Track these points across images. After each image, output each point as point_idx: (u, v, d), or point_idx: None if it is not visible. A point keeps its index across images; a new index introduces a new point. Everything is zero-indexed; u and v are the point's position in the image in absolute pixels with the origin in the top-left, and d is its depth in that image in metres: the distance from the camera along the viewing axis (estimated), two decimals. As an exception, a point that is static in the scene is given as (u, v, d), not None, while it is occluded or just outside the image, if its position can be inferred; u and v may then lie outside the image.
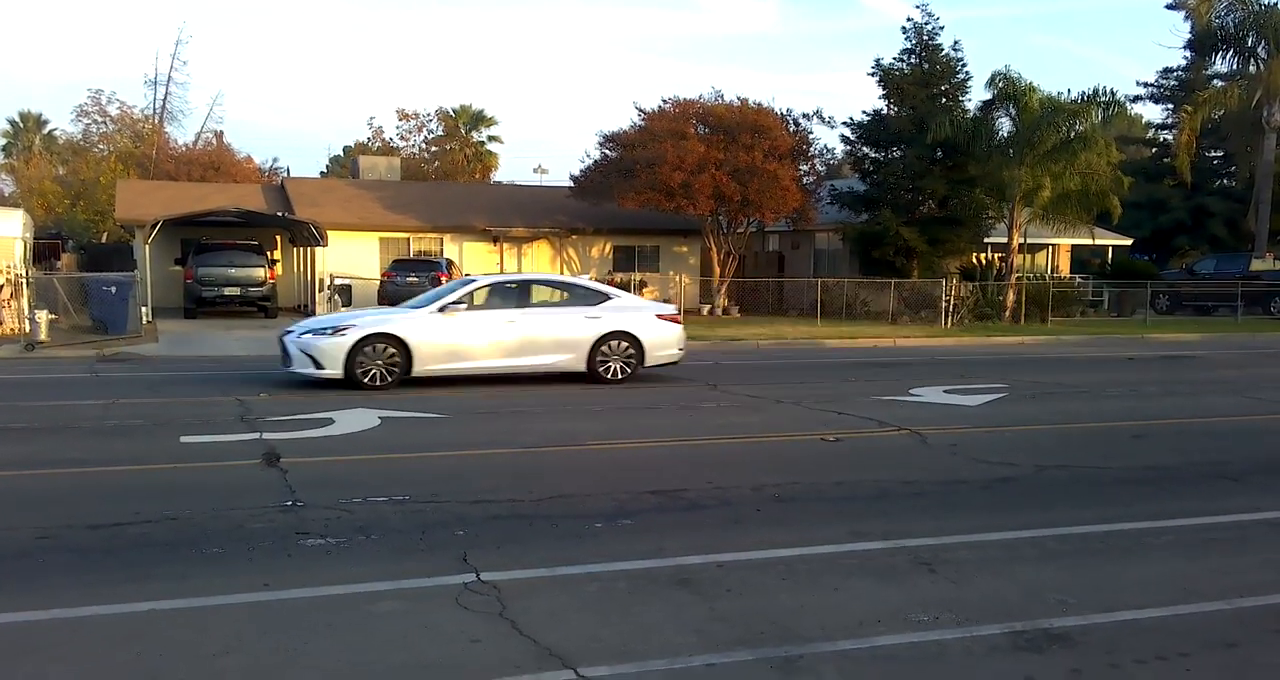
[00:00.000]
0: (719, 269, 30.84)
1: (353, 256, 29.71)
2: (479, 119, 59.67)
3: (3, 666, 4.23)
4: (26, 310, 18.94)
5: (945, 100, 31.12)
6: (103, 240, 45.67)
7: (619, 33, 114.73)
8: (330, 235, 27.29)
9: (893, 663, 4.38)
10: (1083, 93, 28.38)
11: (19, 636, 4.56)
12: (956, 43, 34.64)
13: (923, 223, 30.67)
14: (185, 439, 9.41)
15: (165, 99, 53.94)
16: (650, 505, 7.06)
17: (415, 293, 18.99)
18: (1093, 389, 14.34)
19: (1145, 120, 55.31)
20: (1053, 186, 27.75)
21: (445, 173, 53.99)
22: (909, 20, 32.05)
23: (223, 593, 5.08)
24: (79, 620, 4.74)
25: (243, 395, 12.18)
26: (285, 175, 48.20)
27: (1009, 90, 28.45)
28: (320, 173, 63.33)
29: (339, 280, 27.27)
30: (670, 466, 8.52)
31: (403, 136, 57.06)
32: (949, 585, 5.38)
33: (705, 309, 30.79)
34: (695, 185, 27.58)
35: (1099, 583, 5.45)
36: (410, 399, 11.98)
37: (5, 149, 66.78)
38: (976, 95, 42.65)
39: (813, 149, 31.91)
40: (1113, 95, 28.43)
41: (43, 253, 34.33)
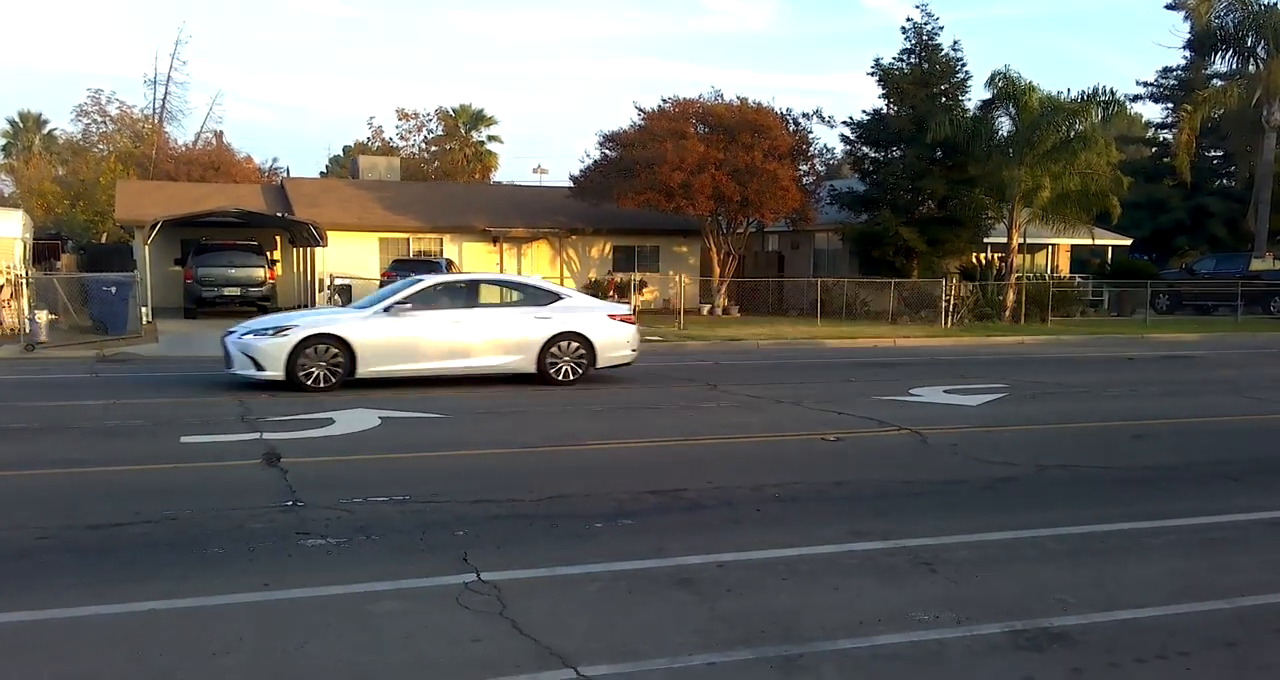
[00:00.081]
0: (719, 269, 30.84)
1: (352, 257, 29.70)
2: (478, 119, 59.71)
3: (2, 666, 4.23)
4: (26, 310, 18.91)
5: (945, 100, 31.12)
6: (102, 240, 45.68)
7: (619, 32, 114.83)
8: (330, 235, 27.31)
9: (893, 662, 4.38)
10: (1082, 92, 28.44)
11: (19, 636, 4.56)
12: (956, 42, 34.74)
13: (922, 223, 30.67)
14: (185, 439, 9.41)
15: (165, 99, 54.06)
16: (651, 505, 7.06)
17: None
18: (1093, 389, 14.34)
19: (1145, 120, 55.34)
20: (1052, 186, 27.75)
21: (445, 173, 54.00)
22: (909, 20, 32.09)
23: (223, 593, 5.08)
24: (79, 620, 4.74)
25: (243, 395, 12.18)
26: (285, 175, 48.19)
27: (1008, 90, 28.45)
28: (320, 173, 63.37)
29: (339, 280, 27.28)
30: (671, 466, 8.53)
31: (402, 136, 57.19)
32: (949, 585, 5.38)
33: (705, 309, 30.79)
34: (695, 185, 27.58)
35: (1099, 582, 5.46)
36: (411, 399, 11.98)
37: (5, 149, 66.77)
38: (976, 95, 42.57)
39: (812, 149, 31.94)
40: (1112, 95, 28.48)
41: (42, 253, 34.34)
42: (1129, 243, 39.75)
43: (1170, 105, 49.84)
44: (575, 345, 13.66)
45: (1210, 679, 4.31)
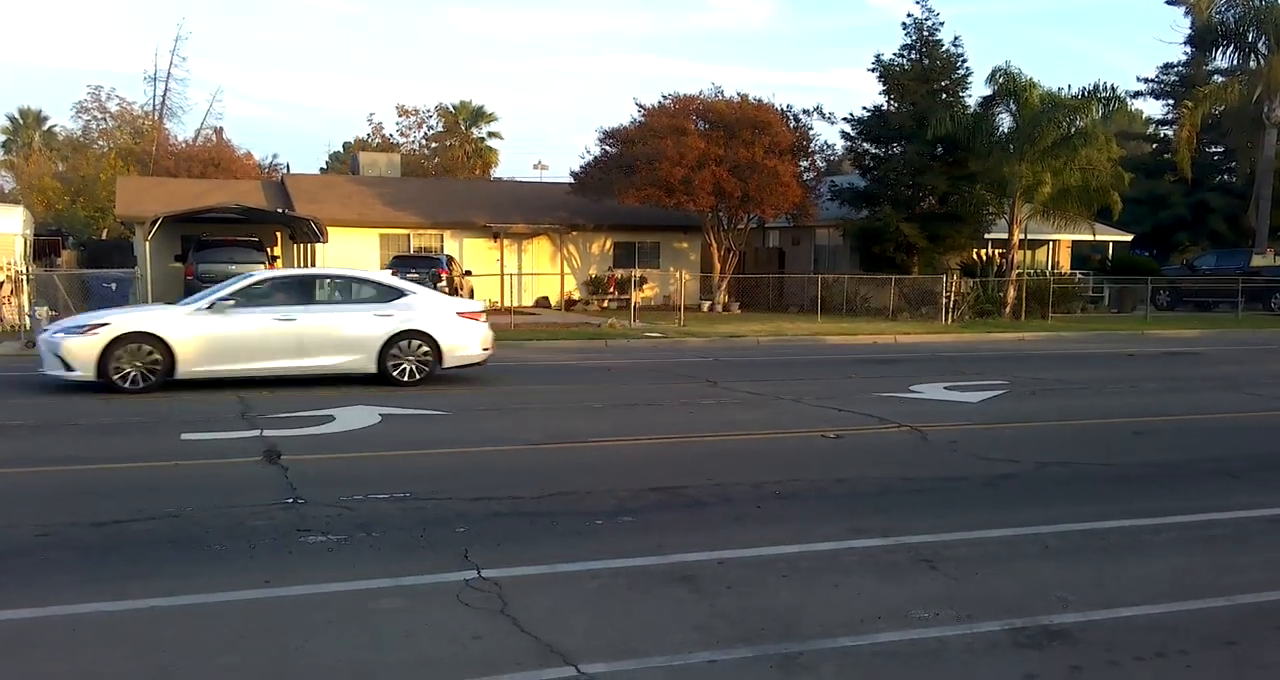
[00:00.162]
0: (719, 265, 30.84)
1: (353, 253, 29.65)
2: (479, 115, 59.66)
3: (3, 663, 4.23)
4: (27, 307, 18.93)
5: (945, 96, 31.08)
6: (103, 237, 45.61)
7: (619, 28, 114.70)
8: (330, 231, 27.28)
9: (893, 659, 4.38)
10: (1083, 88, 28.40)
11: (19, 633, 4.57)
12: (957, 39, 34.65)
13: (923, 219, 30.64)
14: (186, 436, 9.41)
15: (165, 95, 53.96)
16: (651, 502, 7.06)
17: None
18: (1093, 385, 14.33)
19: (1146, 116, 55.24)
20: (1053, 182, 27.74)
21: (445, 169, 53.95)
22: (909, 16, 32.04)
23: (224, 590, 5.09)
24: (79, 617, 4.74)
25: (243, 392, 12.18)
26: (285, 172, 48.12)
27: (1009, 86, 28.42)
28: (320, 169, 63.31)
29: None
30: (671, 463, 8.53)
31: (402, 133, 57.12)
32: (949, 582, 5.38)
33: (705, 305, 30.80)
34: (695, 181, 27.57)
35: (1099, 579, 5.46)
36: (411, 396, 11.99)
37: (5, 145, 66.67)
38: (977, 91, 42.58)
39: (813, 145, 31.92)
40: (1113, 91, 28.43)
41: (43, 249, 34.21)
42: (1130, 239, 39.71)
43: (1171, 101, 49.81)
44: (419, 344, 13.08)
45: (1210, 677, 4.31)
